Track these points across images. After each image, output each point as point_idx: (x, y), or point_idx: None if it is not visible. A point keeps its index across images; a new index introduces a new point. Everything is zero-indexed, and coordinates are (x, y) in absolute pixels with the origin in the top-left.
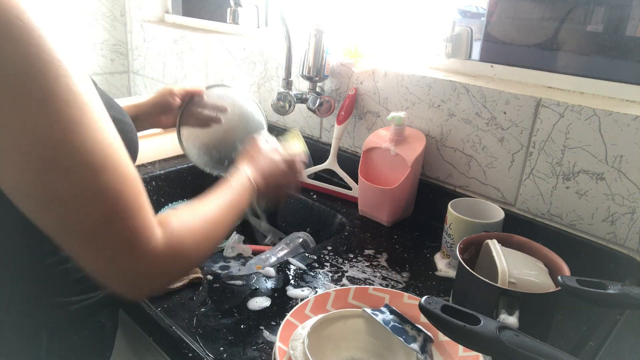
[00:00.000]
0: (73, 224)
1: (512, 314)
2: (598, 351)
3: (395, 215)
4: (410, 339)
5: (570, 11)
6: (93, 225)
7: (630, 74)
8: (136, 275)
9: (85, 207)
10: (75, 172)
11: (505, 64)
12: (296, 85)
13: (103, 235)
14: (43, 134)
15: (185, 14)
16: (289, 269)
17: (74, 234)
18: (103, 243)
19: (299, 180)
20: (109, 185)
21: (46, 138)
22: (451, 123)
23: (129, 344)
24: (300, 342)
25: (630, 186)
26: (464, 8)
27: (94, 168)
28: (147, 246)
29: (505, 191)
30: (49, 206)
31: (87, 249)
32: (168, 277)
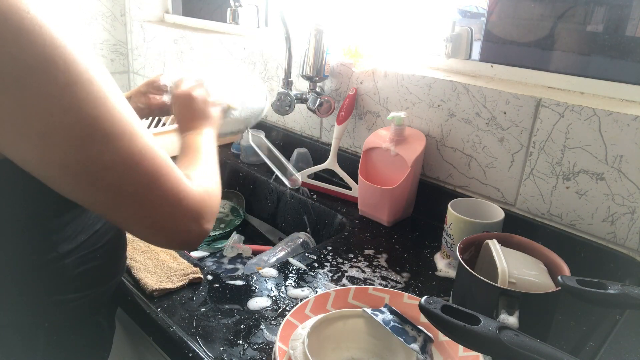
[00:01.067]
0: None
1: (512, 314)
2: (598, 351)
3: (395, 215)
4: (410, 339)
5: (570, 11)
6: (142, 185)
7: (630, 74)
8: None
9: (130, 171)
10: (113, 141)
11: (505, 64)
12: (296, 85)
13: (153, 193)
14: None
15: (185, 14)
16: (289, 269)
17: (125, 200)
18: (155, 198)
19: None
20: (145, 148)
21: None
22: (451, 123)
23: (129, 344)
24: (300, 342)
25: (630, 186)
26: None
27: (128, 135)
28: (190, 192)
29: (505, 191)
30: (97, 178)
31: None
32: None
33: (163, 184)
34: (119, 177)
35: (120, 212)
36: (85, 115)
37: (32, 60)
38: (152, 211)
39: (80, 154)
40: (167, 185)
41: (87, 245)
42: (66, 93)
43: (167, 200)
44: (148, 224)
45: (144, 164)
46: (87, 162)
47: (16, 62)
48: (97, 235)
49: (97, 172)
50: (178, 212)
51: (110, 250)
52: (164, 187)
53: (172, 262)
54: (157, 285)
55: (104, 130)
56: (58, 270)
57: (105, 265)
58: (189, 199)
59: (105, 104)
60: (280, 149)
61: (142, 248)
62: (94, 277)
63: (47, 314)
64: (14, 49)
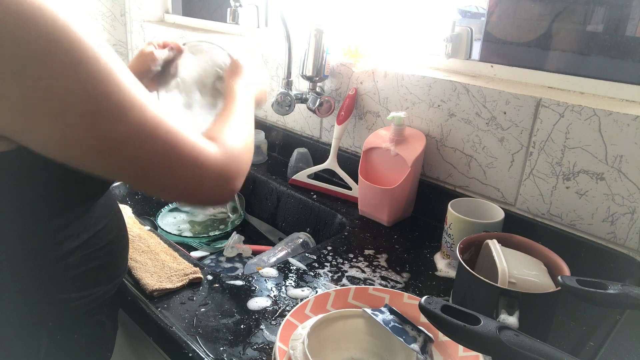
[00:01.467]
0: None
1: (512, 314)
2: (598, 351)
3: (395, 215)
4: (410, 339)
5: (570, 11)
6: (161, 152)
7: (630, 74)
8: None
9: (146, 141)
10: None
11: (505, 64)
12: (296, 85)
13: (172, 158)
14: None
15: (185, 14)
16: (289, 269)
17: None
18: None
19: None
20: (156, 118)
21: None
22: (451, 123)
23: (129, 344)
24: (300, 342)
25: (630, 186)
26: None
27: (138, 107)
28: (210, 156)
29: (505, 191)
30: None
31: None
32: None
33: (180, 150)
34: (136, 148)
35: (145, 181)
36: (94, 93)
37: (35, 43)
38: (174, 177)
39: (95, 130)
40: (185, 150)
41: (90, 245)
42: (72, 72)
43: (186, 165)
44: (173, 189)
45: (158, 133)
46: (102, 138)
47: (20, 47)
48: (99, 235)
49: (114, 146)
50: (199, 175)
51: (113, 250)
52: (181, 153)
53: (172, 262)
54: (157, 285)
55: (114, 105)
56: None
57: (107, 265)
58: (209, 162)
59: (112, 80)
60: (280, 149)
61: (142, 248)
62: (96, 276)
63: (50, 313)
64: (16, 33)
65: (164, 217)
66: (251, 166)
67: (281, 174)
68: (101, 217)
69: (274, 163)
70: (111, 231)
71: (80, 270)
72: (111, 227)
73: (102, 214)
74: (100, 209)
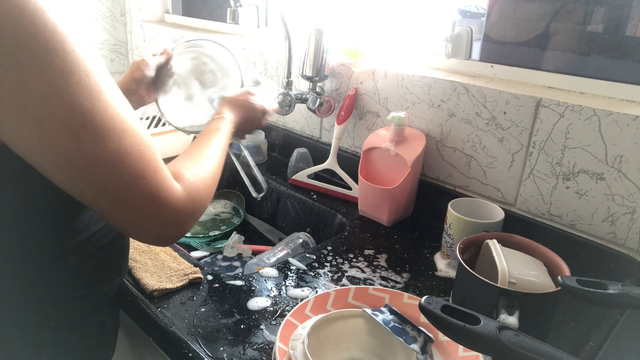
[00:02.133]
0: (106, 185)
1: (512, 314)
2: (598, 351)
3: (395, 215)
4: (410, 339)
5: (570, 11)
6: (123, 184)
7: (630, 74)
8: (166, 223)
9: (116, 169)
10: (104, 136)
11: (505, 64)
12: (296, 85)
13: (133, 192)
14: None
15: (185, 14)
16: (289, 269)
17: (107, 195)
18: (133, 199)
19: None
20: (132, 147)
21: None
22: (451, 123)
23: (129, 344)
24: (300, 342)
25: (630, 186)
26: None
27: (118, 132)
28: (171, 197)
29: (505, 191)
30: (86, 171)
31: (120, 206)
32: (192, 220)
33: (144, 185)
34: (103, 174)
35: (104, 206)
36: (79, 106)
37: (33, 43)
38: (130, 209)
39: (70, 146)
40: (148, 187)
41: (91, 243)
42: (62, 81)
43: (146, 202)
44: (125, 221)
45: (129, 163)
46: (76, 155)
47: (17, 44)
48: (100, 234)
49: (84, 167)
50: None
51: (114, 249)
52: (144, 189)
53: (172, 262)
54: (157, 285)
55: (95, 124)
56: (62, 267)
57: (108, 264)
58: (168, 204)
59: (99, 98)
60: (280, 149)
61: (142, 248)
62: (97, 275)
63: (52, 312)
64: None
65: None
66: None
67: (281, 174)
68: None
69: (274, 163)
70: (112, 230)
71: (82, 269)
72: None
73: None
74: None
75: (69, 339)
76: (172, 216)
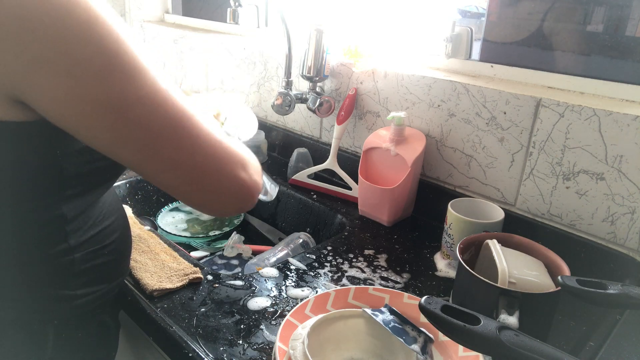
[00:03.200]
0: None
1: (512, 314)
2: (598, 351)
3: (395, 215)
4: (410, 339)
5: (570, 11)
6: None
7: (630, 74)
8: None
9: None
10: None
11: (505, 64)
12: (296, 85)
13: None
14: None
15: (185, 14)
16: (289, 269)
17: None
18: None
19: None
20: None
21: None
22: (451, 123)
23: (130, 344)
24: (300, 342)
25: (630, 186)
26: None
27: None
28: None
29: (505, 191)
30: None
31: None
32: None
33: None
34: (147, 113)
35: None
36: (107, 50)
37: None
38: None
39: (104, 88)
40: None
41: (96, 241)
42: (86, 28)
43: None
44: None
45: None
46: (112, 96)
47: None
48: (105, 232)
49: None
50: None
51: (117, 248)
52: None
53: (172, 262)
54: (157, 285)
55: (125, 65)
56: (67, 264)
57: (112, 263)
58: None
59: (125, 43)
60: (280, 149)
61: (142, 248)
62: (101, 274)
63: (55, 310)
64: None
65: (164, 217)
66: None
67: (281, 174)
68: (108, 215)
69: (274, 163)
70: (116, 230)
71: (86, 267)
72: (117, 226)
73: (109, 212)
74: (107, 206)
75: (71, 338)
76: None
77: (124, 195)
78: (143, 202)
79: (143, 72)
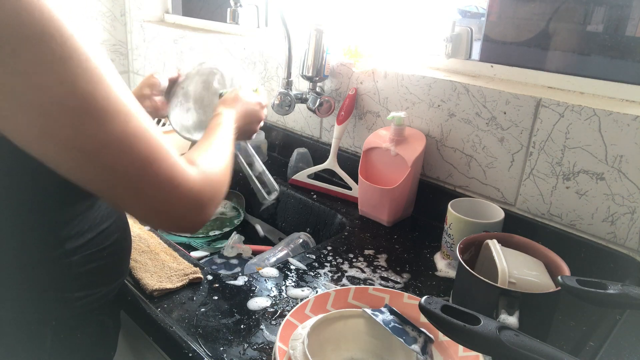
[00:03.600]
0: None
1: (512, 314)
2: (598, 351)
3: (395, 215)
4: (410, 339)
5: (570, 11)
6: (136, 167)
7: (630, 74)
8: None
9: (125, 152)
10: (109, 119)
11: (505, 64)
12: (296, 85)
13: (147, 175)
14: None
15: (185, 14)
16: (289, 269)
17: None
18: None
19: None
20: (139, 130)
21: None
22: (451, 123)
23: (130, 343)
24: (300, 342)
25: (630, 186)
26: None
27: (123, 115)
28: (187, 179)
29: (505, 191)
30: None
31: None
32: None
33: (158, 168)
34: (113, 157)
35: (116, 192)
36: (80, 90)
37: (29, 30)
38: (147, 195)
39: (75, 130)
40: (162, 169)
41: (94, 244)
42: (61, 66)
43: (162, 185)
44: (143, 207)
45: (138, 145)
46: (82, 139)
47: (13, 32)
48: (103, 235)
49: (92, 151)
50: (173, 198)
51: (116, 251)
52: (158, 172)
53: (172, 262)
54: (157, 285)
55: (99, 107)
56: (64, 268)
57: (110, 265)
58: (185, 186)
59: (100, 82)
60: (280, 149)
61: (142, 248)
62: (99, 276)
63: (54, 311)
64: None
65: None
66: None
67: (281, 174)
68: (106, 218)
69: (274, 163)
70: (115, 232)
71: (84, 270)
72: (116, 228)
73: (107, 215)
74: (105, 208)
75: (70, 338)
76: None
77: None
78: None
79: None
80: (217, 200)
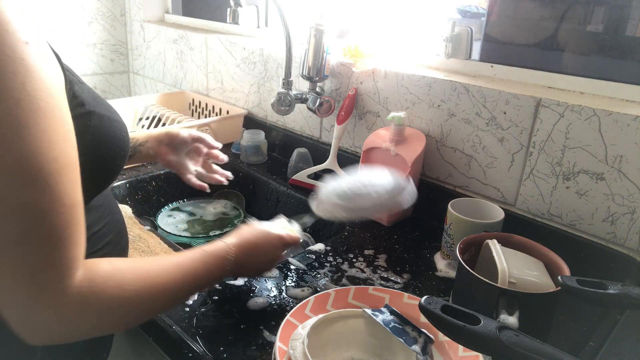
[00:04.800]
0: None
1: (512, 314)
2: (598, 351)
3: (395, 215)
4: (410, 340)
5: (570, 11)
6: (4, 240)
7: (630, 74)
8: (33, 314)
9: (1, 219)
10: (1, 177)
11: (505, 64)
12: (296, 85)
13: (11, 256)
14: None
15: (185, 14)
16: (289, 269)
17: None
18: (8, 264)
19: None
20: (34, 203)
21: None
22: (451, 123)
23: (129, 343)
24: (300, 342)
25: (630, 186)
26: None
27: (23, 179)
28: (56, 283)
29: (505, 191)
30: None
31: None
32: (71, 328)
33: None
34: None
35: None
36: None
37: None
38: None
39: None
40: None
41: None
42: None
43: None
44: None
45: (21, 219)
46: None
47: None
48: (96, 237)
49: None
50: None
51: (109, 253)
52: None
53: None
54: None
55: (8, 170)
56: None
57: None
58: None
59: (19, 134)
60: (280, 149)
61: (142, 248)
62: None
63: None
64: None
65: (164, 217)
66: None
67: (281, 174)
68: (96, 221)
69: (274, 163)
70: (108, 234)
71: None
72: (108, 230)
73: (98, 218)
74: (94, 212)
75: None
76: (43, 308)
77: (124, 195)
78: (143, 202)
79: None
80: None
